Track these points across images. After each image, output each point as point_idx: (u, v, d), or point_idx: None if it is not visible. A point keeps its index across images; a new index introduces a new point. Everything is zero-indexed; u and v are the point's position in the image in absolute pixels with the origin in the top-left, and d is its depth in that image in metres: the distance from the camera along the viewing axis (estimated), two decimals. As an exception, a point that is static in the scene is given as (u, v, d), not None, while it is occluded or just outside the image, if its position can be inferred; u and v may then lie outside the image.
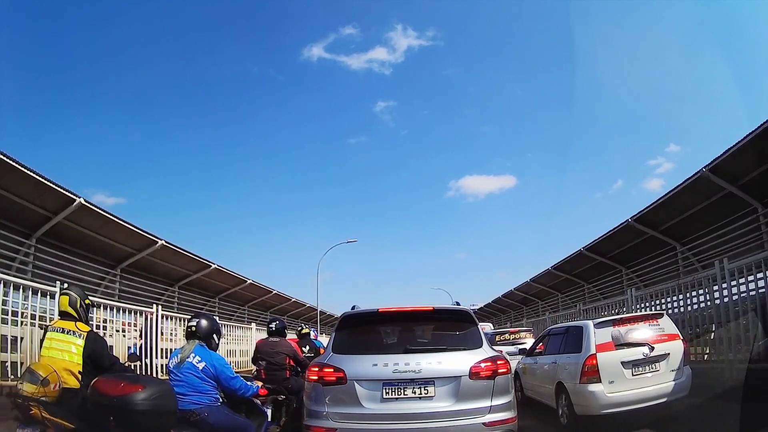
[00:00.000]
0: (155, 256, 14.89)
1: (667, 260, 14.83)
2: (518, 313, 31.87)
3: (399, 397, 4.04)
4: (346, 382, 4.08)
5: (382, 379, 4.06)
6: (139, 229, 13.39)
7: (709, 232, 12.93)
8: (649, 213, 13.47)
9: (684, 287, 9.46)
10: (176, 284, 17.71)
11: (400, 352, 4.34)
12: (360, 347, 4.50)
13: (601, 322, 6.39)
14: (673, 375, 5.91)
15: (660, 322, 6.33)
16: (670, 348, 6.04)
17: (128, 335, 11.33)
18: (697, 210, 12.47)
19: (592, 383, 5.80)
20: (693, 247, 13.72)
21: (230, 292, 21.54)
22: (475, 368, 4.12)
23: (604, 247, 17.08)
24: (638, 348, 5.98)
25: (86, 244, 12.98)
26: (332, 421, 4.04)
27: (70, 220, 11.67)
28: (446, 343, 4.59)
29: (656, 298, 10.48)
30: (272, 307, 27.72)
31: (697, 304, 9.18)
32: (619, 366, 5.85)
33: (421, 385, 4.06)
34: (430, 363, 4.13)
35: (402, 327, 4.91)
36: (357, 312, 4.99)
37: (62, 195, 10.77)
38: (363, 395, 4.04)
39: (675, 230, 13.85)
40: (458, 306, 5.33)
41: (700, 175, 10.62)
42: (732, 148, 9.75)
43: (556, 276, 22.08)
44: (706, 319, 8.89)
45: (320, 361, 4.45)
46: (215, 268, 17.76)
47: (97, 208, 11.72)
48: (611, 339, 6.09)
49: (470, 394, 4.06)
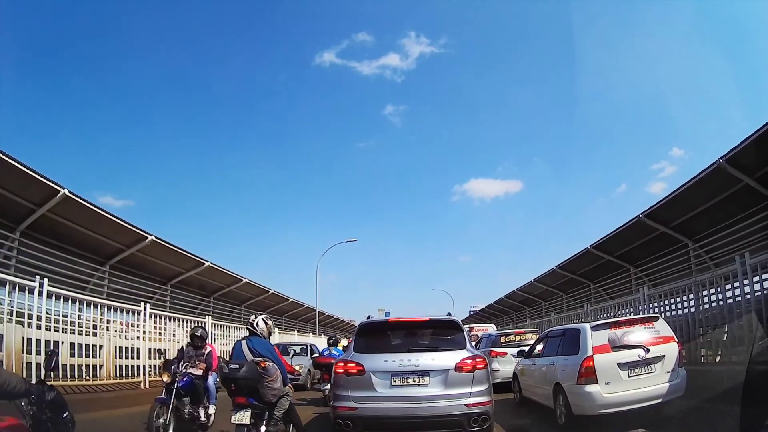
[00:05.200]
0: (146, 252, 14.63)
1: (678, 258, 14.47)
2: (520, 314, 31.61)
3: (403, 384, 5.45)
4: (365, 373, 5.51)
5: (391, 371, 5.48)
6: (128, 224, 13.11)
7: (721, 229, 12.62)
8: (661, 208, 13.19)
9: (702, 284, 9.08)
10: (169, 282, 17.47)
11: (404, 351, 5.73)
12: (374, 347, 5.91)
13: (598, 325, 6.68)
14: (668, 376, 6.17)
15: (655, 325, 6.67)
16: (665, 350, 6.30)
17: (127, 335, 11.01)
18: (710, 205, 12.19)
19: (589, 384, 6.10)
20: (705, 245, 13.37)
21: (225, 292, 21.32)
22: (459, 364, 5.48)
23: (612, 246, 16.83)
24: (634, 350, 6.26)
25: (74, 239, 12.74)
26: (354, 402, 5.45)
27: (56, 213, 11.43)
28: (438, 345, 5.94)
29: (671, 297, 10.10)
30: (269, 307, 27.35)
31: (716, 303, 8.78)
32: (615, 367, 6.14)
33: (420, 375, 5.46)
34: (426, 359, 5.54)
35: (406, 332, 6.31)
36: (372, 321, 6.72)
37: (46, 186, 10.53)
38: (377, 383, 5.48)
39: (687, 226, 13.58)
40: (449, 317, 6.75)
41: (717, 166, 10.23)
42: (750, 138, 9.39)
43: (561, 276, 21.82)
44: (719, 319, 8.74)
45: (345, 358, 5.88)
46: (209, 266, 17.48)
47: (82, 200, 11.44)
48: (608, 341, 6.37)
49: (455, 382, 5.42)
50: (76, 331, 9.43)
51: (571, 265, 20.38)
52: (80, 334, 9.54)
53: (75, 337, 9.38)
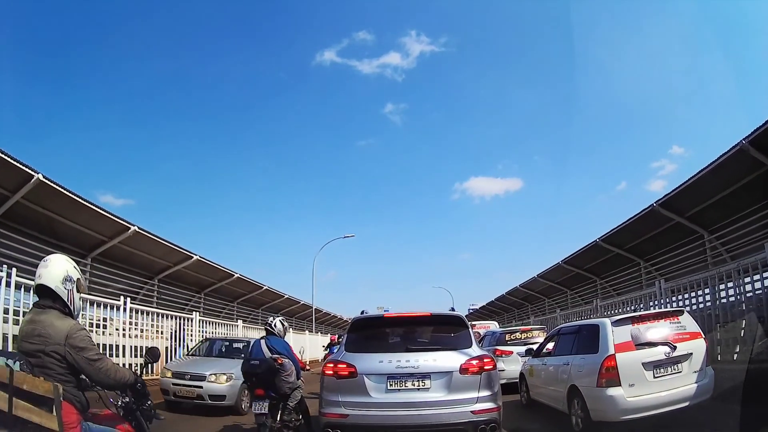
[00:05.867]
0: (130, 244, 13.93)
1: (693, 251, 13.75)
2: (522, 311, 31.01)
3: (401, 388, 4.83)
4: (357, 376, 4.89)
5: (387, 373, 4.85)
6: (109, 214, 12.41)
7: (738, 219, 11.87)
8: (677, 196, 12.39)
9: (726, 276, 8.38)
10: (156, 277, 16.72)
11: (402, 350, 5.12)
12: (368, 346, 5.31)
13: (620, 320, 6.04)
14: (695, 376, 5.59)
15: (681, 320, 6.06)
16: (692, 347, 5.72)
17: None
18: (728, 193, 11.47)
19: (611, 387, 5.49)
20: (721, 236, 12.67)
21: (217, 287, 20.60)
22: (465, 365, 4.89)
23: (622, 238, 16.13)
24: (659, 347, 5.64)
25: (52, 229, 11.98)
26: (344, 408, 4.84)
27: (31, 200, 10.62)
28: (441, 344, 5.34)
29: (691, 290, 9.41)
30: (264, 304, 26.71)
31: (743, 295, 8.13)
32: (639, 367, 5.53)
33: (419, 378, 4.84)
34: (427, 360, 4.92)
35: (404, 329, 5.66)
36: (365, 316, 5.85)
37: (19, 171, 9.82)
38: (371, 387, 4.85)
39: (703, 216, 12.86)
40: (453, 312, 6.06)
41: (740, 148, 9.56)
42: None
43: (567, 271, 21.12)
44: (737, 314, 8.26)
45: (335, 358, 5.26)
46: (197, 260, 16.75)
47: (58, 186, 10.72)
48: (631, 338, 5.74)
49: (460, 386, 4.82)
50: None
51: (578, 260, 19.62)
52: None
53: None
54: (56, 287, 2.45)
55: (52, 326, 2.35)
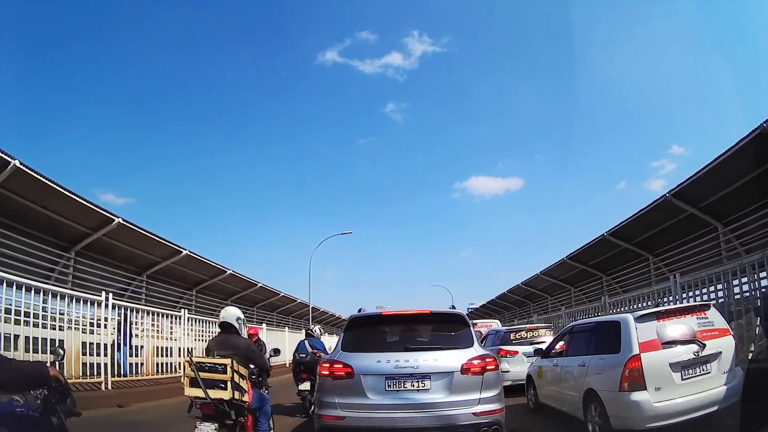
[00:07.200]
0: (115, 237, 13.37)
1: (705, 244, 13.21)
2: (524, 309, 30.51)
3: (399, 389, 4.67)
4: (354, 376, 4.74)
5: (385, 374, 4.70)
6: (91, 204, 11.84)
7: (754, 210, 11.40)
8: (691, 185, 11.81)
9: (751, 267, 7.88)
10: (144, 273, 16.12)
11: (401, 350, 4.94)
12: (366, 345, 5.11)
13: (643, 316, 5.44)
14: (725, 378, 5.10)
15: (708, 315, 5.50)
16: (722, 345, 5.23)
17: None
18: (745, 182, 10.94)
19: (635, 391, 4.94)
20: (736, 228, 12.13)
21: (209, 284, 20.02)
22: (467, 365, 4.74)
23: (631, 232, 15.63)
24: (687, 346, 5.13)
25: (31, 220, 11.39)
26: (341, 410, 4.68)
27: (8, 188, 10.01)
28: (441, 343, 5.21)
29: (710, 284, 8.89)
30: (259, 302, 26.14)
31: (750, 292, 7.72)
32: (667, 368, 4.98)
33: (419, 379, 4.69)
34: (426, 360, 4.76)
35: (403, 328, 5.49)
36: (363, 314, 5.61)
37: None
38: (368, 387, 4.70)
39: (717, 207, 12.31)
40: (453, 310, 5.91)
41: (761, 131, 9.02)
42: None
43: (571, 267, 20.63)
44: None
45: (331, 358, 5.10)
46: (187, 255, 16.19)
47: (38, 175, 10.20)
48: (656, 336, 5.17)
49: (462, 387, 4.67)
50: (31, 323, 8.28)
51: (583, 255, 19.11)
52: (36, 326, 8.42)
53: (31, 330, 8.26)
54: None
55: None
